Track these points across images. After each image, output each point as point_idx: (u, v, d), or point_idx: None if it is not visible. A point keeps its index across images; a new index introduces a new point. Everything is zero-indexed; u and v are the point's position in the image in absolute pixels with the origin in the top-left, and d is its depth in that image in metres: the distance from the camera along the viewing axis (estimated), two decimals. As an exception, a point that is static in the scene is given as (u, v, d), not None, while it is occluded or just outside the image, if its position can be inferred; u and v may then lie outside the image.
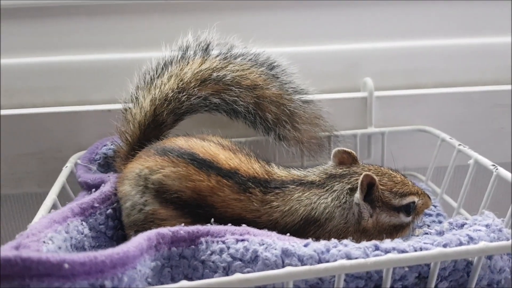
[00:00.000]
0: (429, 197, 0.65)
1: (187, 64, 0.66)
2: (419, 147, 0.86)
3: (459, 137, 0.78)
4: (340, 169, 0.61)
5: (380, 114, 0.84)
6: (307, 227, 0.56)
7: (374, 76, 0.85)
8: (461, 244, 0.51)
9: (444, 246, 0.50)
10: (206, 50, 0.68)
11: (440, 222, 0.70)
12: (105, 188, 0.59)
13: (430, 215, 0.71)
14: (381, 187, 0.58)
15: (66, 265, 0.37)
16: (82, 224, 0.53)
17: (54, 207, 0.59)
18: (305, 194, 0.58)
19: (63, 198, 0.66)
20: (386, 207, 0.58)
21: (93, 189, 0.61)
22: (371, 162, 0.84)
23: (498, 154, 0.88)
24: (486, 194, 0.66)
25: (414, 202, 0.61)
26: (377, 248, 0.49)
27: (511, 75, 0.90)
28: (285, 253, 0.47)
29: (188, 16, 0.83)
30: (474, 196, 0.78)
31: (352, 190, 0.57)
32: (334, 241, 0.50)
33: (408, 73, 0.89)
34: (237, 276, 0.42)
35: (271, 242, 0.49)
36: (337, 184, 0.59)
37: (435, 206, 0.73)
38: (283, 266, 0.46)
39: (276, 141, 0.72)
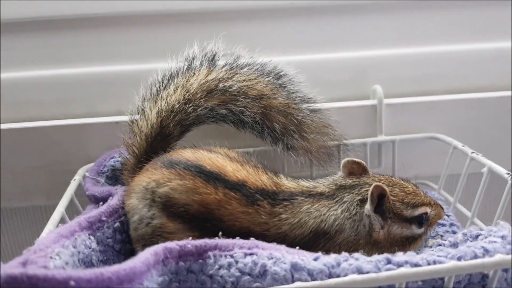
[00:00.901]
0: (442, 208, 0.64)
1: (193, 75, 0.66)
2: (431, 155, 0.85)
3: (472, 144, 0.76)
4: (350, 179, 0.60)
5: (390, 122, 0.84)
6: (317, 239, 0.55)
7: (383, 83, 0.85)
8: (476, 256, 0.50)
9: (459, 259, 0.49)
10: (212, 60, 0.68)
11: (453, 232, 0.69)
12: (113, 202, 0.59)
13: (444, 225, 0.70)
14: (392, 198, 0.58)
15: (72, 282, 0.37)
16: (89, 238, 0.53)
17: (62, 221, 0.60)
18: (315, 206, 0.57)
19: (72, 211, 0.66)
20: (397, 219, 0.58)
21: (101, 202, 0.61)
22: (382, 171, 0.83)
23: (512, 161, 0.87)
24: (501, 204, 0.65)
25: (426, 213, 0.60)
26: (389, 261, 0.48)
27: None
28: (295, 267, 0.47)
29: (193, 26, 0.84)
30: (489, 205, 0.77)
31: (363, 202, 0.57)
32: (344, 254, 0.49)
33: (418, 79, 0.88)
34: (245, 291, 0.42)
35: (280, 256, 0.48)
36: (347, 195, 0.58)
37: (448, 216, 0.72)
38: (293, 281, 0.46)
39: (284, 151, 0.72)
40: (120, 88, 0.82)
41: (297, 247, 0.52)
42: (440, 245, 0.59)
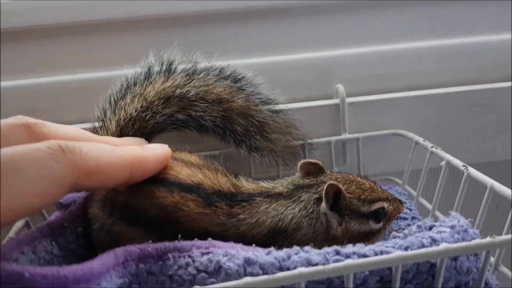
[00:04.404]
0: (401, 202, 0.69)
1: (150, 84, 0.70)
2: (395, 151, 0.90)
3: (437, 139, 0.81)
4: (308, 179, 0.65)
5: (354, 120, 0.89)
6: (275, 238, 0.60)
7: (346, 82, 0.90)
8: (423, 246, 0.54)
9: (406, 249, 0.53)
10: (169, 68, 0.72)
11: (416, 225, 0.74)
12: (75, 208, 0.63)
13: (406, 218, 0.75)
14: (349, 195, 0.62)
15: (27, 274, 0.40)
16: (51, 244, 0.56)
17: (26, 229, 0.64)
18: (272, 206, 0.61)
19: (39, 219, 0.70)
20: (355, 215, 0.62)
21: (63, 209, 0.65)
22: (347, 169, 0.88)
23: (478, 154, 0.92)
24: (458, 195, 0.70)
25: (383, 208, 0.65)
26: (337, 253, 0.52)
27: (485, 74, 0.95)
28: (247, 262, 0.51)
29: (152, 32, 0.88)
30: (451, 197, 0.82)
31: (320, 200, 0.61)
32: (296, 248, 0.53)
33: (380, 77, 0.93)
34: (195, 288, 0.46)
35: (234, 253, 0.52)
36: (304, 194, 0.63)
37: (410, 210, 0.77)
38: (245, 275, 0.50)
39: (248, 152, 0.76)
40: (85, 96, 0.85)
41: (254, 245, 0.55)
42: (395, 237, 0.64)
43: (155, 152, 0.57)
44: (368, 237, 0.64)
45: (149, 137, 0.72)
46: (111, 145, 0.53)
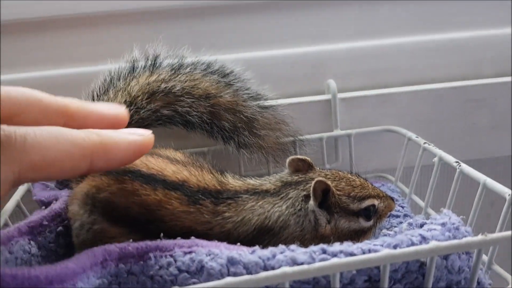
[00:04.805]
0: (393, 200, 0.68)
1: (134, 78, 0.69)
2: (388, 148, 0.89)
3: (431, 136, 0.80)
4: (296, 176, 0.64)
5: (346, 116, 0.87)
6: (262, 236, 0.58)
7: (338, 77, 0.89)
8: (412, 244, 0.52)
9: (395, 247, 0.52)
10: (154, 62, 0.71)
11: (408, 223, 0.73)
12: (55, 206, 0.62)
13: (398, 216, 0.74)
14: (338, 192, 0.61)
15: None
16: (30, 243, 0.55)
17: (5, 228, 0.62)
18: (259, 203, 0.60)
19: (21, 219, 0.69)
20: (344, 213, 0.61)
21: (43, 207, 0.64)
22: (340, 166, 0.87)
23: (471, 151, 0.91)
24: (450, 192, 0.69)
25: (374, 206, 0.63)
26: (324, 251, 0.50)
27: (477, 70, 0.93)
28: (231, 261, 0.49)
29: (138, 26, 0.86)
30: (444, 194, 0.80)
31: (308, 197, 0.60)
32: (282, 247, 0.51)
33: (373, 73, 0.92)
34: (174, 288, 0.44)
35: (218, 252, 0.51)
36: (292, 192, 0.61)
37: (402, 207, 0.75)
38: (229, 275, 0.48)
39: (237, 149, 0.75)
40: (69, 92, 0.84)
41: (238, 244, 0.54)
42: (385, 235, 0.62)
43: (129, 138, 0.48)
44: (358, 235, 0.63)
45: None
46: (80, 114, 0.47)
